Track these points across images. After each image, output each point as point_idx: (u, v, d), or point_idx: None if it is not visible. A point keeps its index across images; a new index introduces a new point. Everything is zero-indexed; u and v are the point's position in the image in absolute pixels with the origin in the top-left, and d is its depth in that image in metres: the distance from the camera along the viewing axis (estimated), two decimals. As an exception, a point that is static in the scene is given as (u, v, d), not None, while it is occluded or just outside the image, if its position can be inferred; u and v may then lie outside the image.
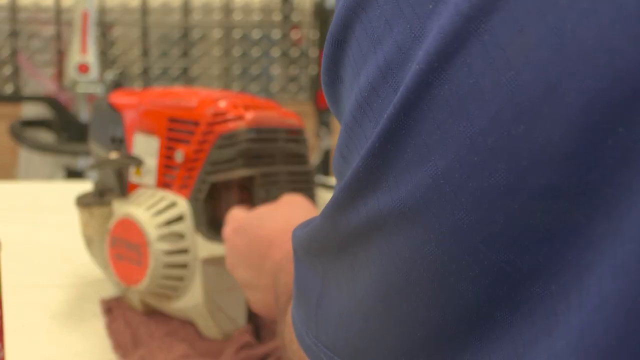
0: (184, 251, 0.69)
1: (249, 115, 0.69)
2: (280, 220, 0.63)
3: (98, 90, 2.29)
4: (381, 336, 0.31)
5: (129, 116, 0.75)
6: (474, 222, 0.25)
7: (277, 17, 2.86)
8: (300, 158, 0.73)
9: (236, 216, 0.66)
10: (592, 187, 0.23)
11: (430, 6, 0.26)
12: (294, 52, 2.87)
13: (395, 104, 0.27)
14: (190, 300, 0.70)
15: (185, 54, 2.84)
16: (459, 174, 0.25)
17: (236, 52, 2.86)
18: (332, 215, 0.32)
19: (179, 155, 0.70)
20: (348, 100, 0.31)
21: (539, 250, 0.25)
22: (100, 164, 0.77)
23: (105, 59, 2.72)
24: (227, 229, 0.65)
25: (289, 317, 0.46)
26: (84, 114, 2.30)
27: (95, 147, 0.81)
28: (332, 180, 0.86)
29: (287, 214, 0.64)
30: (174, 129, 0.71)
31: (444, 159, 0.26)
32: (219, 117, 0.69)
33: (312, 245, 0.36)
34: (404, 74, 0.27)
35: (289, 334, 0.45)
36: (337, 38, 0.31)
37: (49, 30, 2.70)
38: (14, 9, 2.68)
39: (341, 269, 0.33)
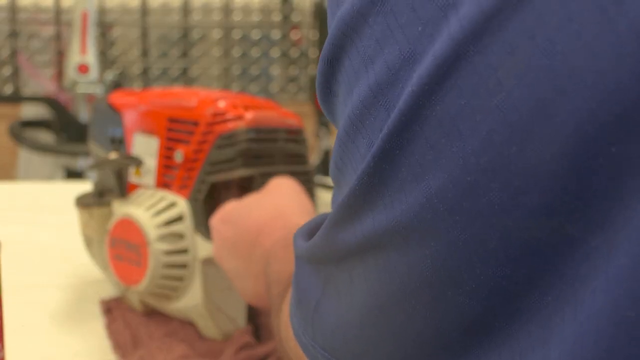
0: (183, 251, 0.69)
1: (249, 115, 0.69)
2: (268, 208, 0.63)
3: (98, 90, 2.29)
4: (378, 342, 0.31)
5: (129, 116, 0.75)
6: (469, 239, 0.26)
7: (276, 17, 2.86)
8: (300, 158, 0.73)
9: (225, 207, 0.66)
10: (585, 204, 0.23)
11: (420, 28, 0.27)
12: (294, 53, 2.87)
13: (389, 125, 0.27)
14: (190, 300, 0.70)
15: (185, 54, 2.84)
16: (453, 193, 0.26)
17: (236, 52, 2.86)
18: (329, 234, 0.33)
19: (179, 156, 0.70)
20: (342, 115, 0.32)
21: (534, 264, 0.25)
22: (99, 164, 0.77)
23: (105, 59, 2.72)
24: (215, 219, 0.66)
25: (285, 314, 0.46)
26: (83, 114, 2.30)
27: (94, 148, 0.81)
28: (332, 181, 0.86)
29: (276, 201, 0.64)
30: (174, 129, 0.71)
31: (438, 179, 0.26)
32: (219, 117, 0.69)
33: (311, 258, 0.37)
34: (395, 94, 0.27)
35: (285, 331, 0.45)
36: (329, 57, 0.32)
37: (49, 31, 2.70)
38: (13, 9, 2.68)
39: (340, 278, 0.33)
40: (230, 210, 0.65)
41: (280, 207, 0.63)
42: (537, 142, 0.24)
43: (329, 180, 0.79)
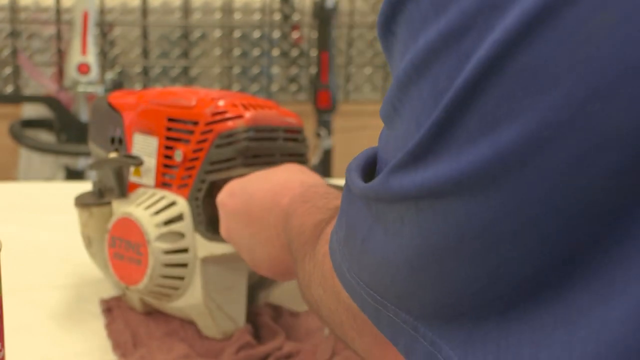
0: (183, 250, 0.69)
1: (248, 114, 0.69)
2: (281, 175, 0.63)
3: (98, 90, 2.28)
4: (426, 286, 0.31)
5: (128, 116, 0.75)
6: (535, 196, 0.25)
7: (277, 17, 2.85)
8: (300, 157, 0.73)
9: (229, 184, 0.66)
10: None
11: None
12: (294, 52, 2.87)
13: (465, 75, 0.26)
14: (190, 299, 0.70)
15: (185, 54, 2.84)
16: (525, 148, 0.25)
17: (236, 52, 2.86)
18: (387, 178, 0.32)
19: (178, 155, 0.70)
20: (400, 56, 0.31)
21: (602, 223, 0.24)
22: (99, 164, 0.77)
23: (105, 59, 2.72)
24: (221, 195, 0.66)
25: (320, 254, 0.46)
26: (84, 114, 2.30)
27: (94, 148, 0.81)
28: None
29: (287, 171, 0.64)
30: (173, 129, 0.71)
31: (510, 132, 0.25)
32: (218, 116, 0.69)
33: (363, 197, 0.36)
34: (468, 41, 0.27)
35: (319, 277, 0.45)
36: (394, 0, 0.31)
37: (49, 30, 2.70)
38: (14, 9, 2.68)
39: (390, 217, 0.33)
40: (237, 184, 0.65)
41: (293, 174, 0.63)
42: (623, 101, 0.23)
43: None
